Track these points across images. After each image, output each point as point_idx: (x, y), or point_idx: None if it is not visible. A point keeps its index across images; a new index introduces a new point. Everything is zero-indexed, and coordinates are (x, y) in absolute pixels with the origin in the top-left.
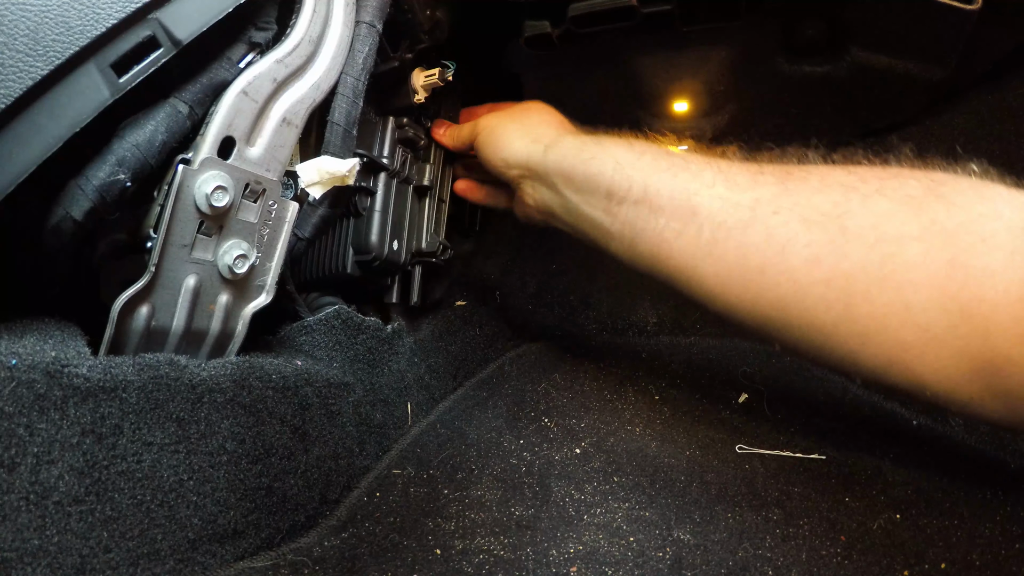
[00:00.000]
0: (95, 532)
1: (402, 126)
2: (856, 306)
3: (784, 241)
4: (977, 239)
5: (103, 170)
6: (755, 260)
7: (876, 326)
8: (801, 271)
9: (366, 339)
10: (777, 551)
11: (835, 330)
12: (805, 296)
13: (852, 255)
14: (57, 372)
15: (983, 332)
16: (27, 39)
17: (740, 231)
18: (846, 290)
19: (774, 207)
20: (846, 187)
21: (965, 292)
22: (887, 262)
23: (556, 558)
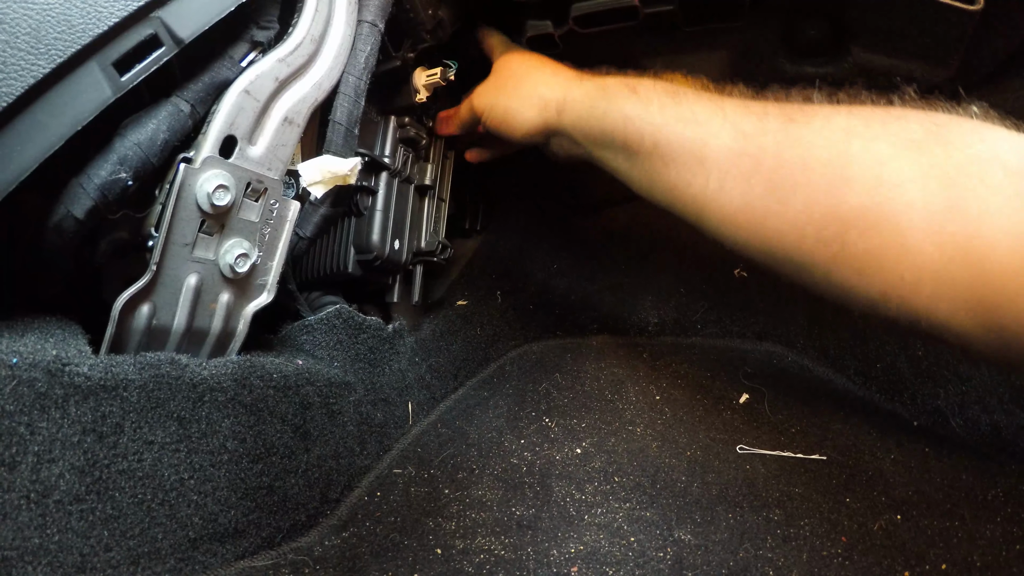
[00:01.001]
0: (96, 531)
1: (404, 125)
2: (852, 244)
3: (786, 188)
4: (976, 181)
5: (105, 168)
6: (759, 205)
7: (873, 263)
8: (802, 215)
9: (367, 338)
10: (778, 551)
11: (833, 265)
12: (803, 236)
13: (850, 199)
14: (58, 371)
15: (979, 269)
16: (29, 37)
17: (744, 179)
18: (843, 231)
19: (777, 155)
20: (848, 132)
21: (962, 232)
22: (885, 204)
23: (557, 558)
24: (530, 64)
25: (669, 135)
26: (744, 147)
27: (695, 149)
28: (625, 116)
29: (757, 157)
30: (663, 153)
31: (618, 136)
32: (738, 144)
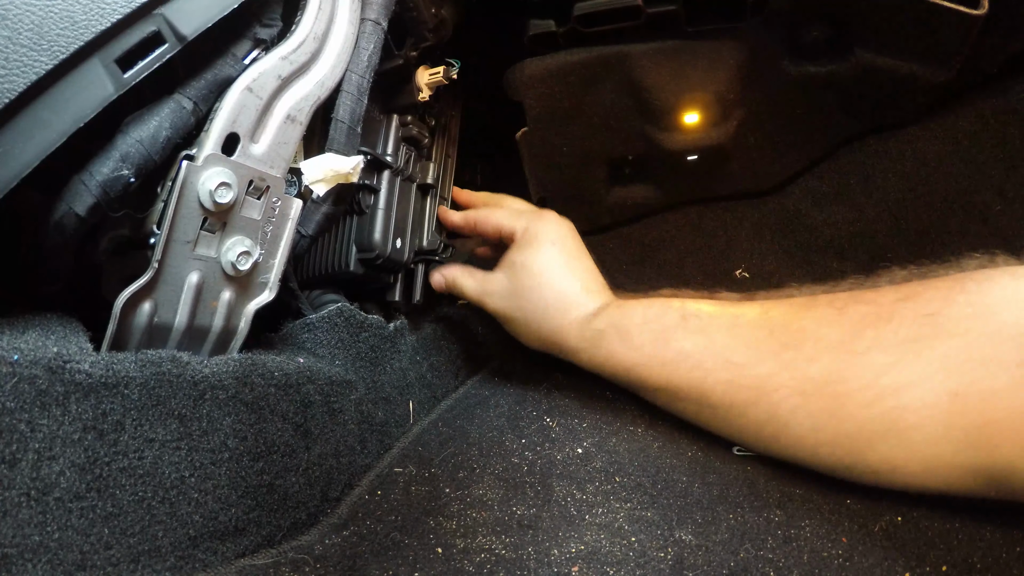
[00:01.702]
0: (96, 528)
1: (406, 124)
2: (866, 456)
3: (787, 416)
4: (978, 364)
5: (107, 165)
6: (766, 431)
7: (888, 466)
8: (808, 438)
9: (368, 337)
10: (779, 552)
11: (851, 472)
12: (816, 454)
13: (852, 417)
14: (59, 368)
15: (988, 448)
16: (32, 33)
17: (745, 411)
18: (852, 447)
19: (773, 385)
20: (839, 347)
21: (968, 419)
22: (887, 416)
23: (558, 557)
24: (547, 293)
25: (668, 377)
26: (741, 382)
27: (694, 388)
28: (625, 368)
29: (755, 388)
30: (668, 391)
31: (622, 380)
32: (735, 379)
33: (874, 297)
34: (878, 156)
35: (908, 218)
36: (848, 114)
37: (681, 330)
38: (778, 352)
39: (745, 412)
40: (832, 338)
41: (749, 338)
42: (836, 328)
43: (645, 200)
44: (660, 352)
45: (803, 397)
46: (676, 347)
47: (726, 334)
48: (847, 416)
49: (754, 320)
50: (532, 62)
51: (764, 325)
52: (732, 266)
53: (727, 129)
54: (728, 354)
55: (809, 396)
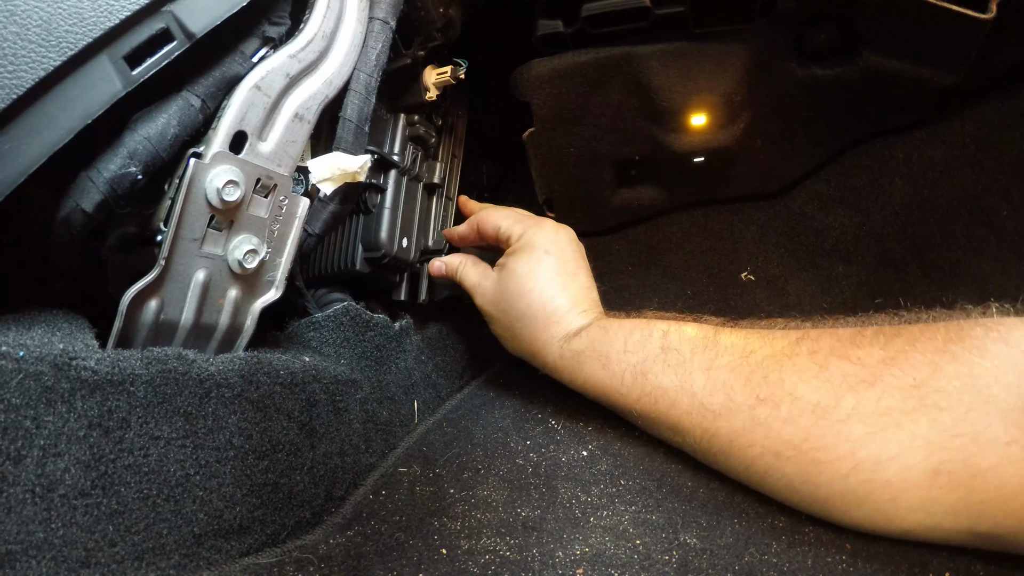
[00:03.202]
0: (100, 526)
1: (413, 123)
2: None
3: (761, 474)
4: (965, 440)
5: (114, 162)
6: (743, 478)
7: (868, 527)
8: (784, 494)
9: (374, 336)
10: (783, 557)
11: (837, 521)
12: (797, 504)
13: (827, 485)
14: (65, 364)
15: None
16: (40, 29)
17: (724, 457)
18: (829, 510)
19: (748, 440)
20: (817, 412)
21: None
22: (864, 487)
23: (562, 560)
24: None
25: (645, 409)
26: (716, 429)
27: (671, 423)
28: (603, 391)
29: (729, 439)
30: (646, 420)
31: (602, 402)
32: (710, 425)
33: (859, 356)
34: (885, 160)
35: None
36: (855, 117)
37: (660, 363)
38: (753, 407)
39: (721, 459)
40: (810, 399)
41: (725, 384)
42: (816, 387)
43: (651, 202)
44: (638, 384)
45: (777, 459)
46: (654, 382)
47: (703, 376)
48: (823, 483)
49: (732, 363)
50: (539, 62)
51: (742, 371)
52: (738, 268)
53: (734, 131)
54: (704, 399)
55: (784, 459)
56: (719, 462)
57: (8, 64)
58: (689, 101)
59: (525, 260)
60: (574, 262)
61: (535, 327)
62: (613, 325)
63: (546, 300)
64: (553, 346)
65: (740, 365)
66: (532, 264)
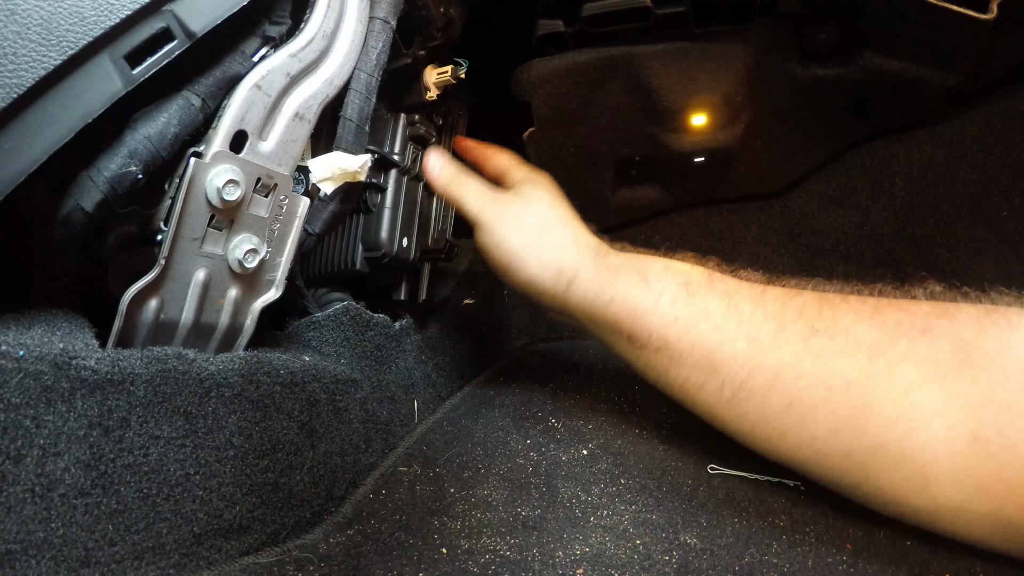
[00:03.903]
0: (100, 525)
1: (413, 123)
2: (875, 478)
3: (806, 409)
4: (1003, 408)
5: (115, 162)
6: (776, 423)
7: (895, 495)
8: (821, 440)
9: (374, 336)
10: (783, 557)
11: (854, 491)
12: (825, 461)
13: (873, 430)
14: (65, 364)
15: (1003, 500)
16: (40, 28)
17: (761, 394)
18: (865, 463)
19: (797, 371)
20: (873, 349)
21: (986, 467)
22: (907, 438)
23: (562, 559)
24: (558, 215)
25: (680, 334)
26: (762, 359)
27: (707, 354)
28: (633, 309)
29: (775, 370)
30: (673, 352)
31: (624, 327)
32: (755, 354)
33: (908, 306)
34: (885, 160)
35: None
36: (856, 117)
37: (706, 288)
38: (807, 337)
39: (759, 395)
40: (866, 338)
41: (777, 314)
42: (871, 328)
43: (651, 202)
44: (678, 303)
45: (829, 393)
46: (698, 303)
47: (753, 304)
48: (868, 428)
49: (783, 297)
50: (540, 62)
51: (794, 304)
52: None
53: (734, 131)
54: (753, 326)
55: (835, 394)
56: (749, 403)
57: (8, 63)
58: (689, 101)
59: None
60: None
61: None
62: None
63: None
64: (587, 260)
65: (791, 299)
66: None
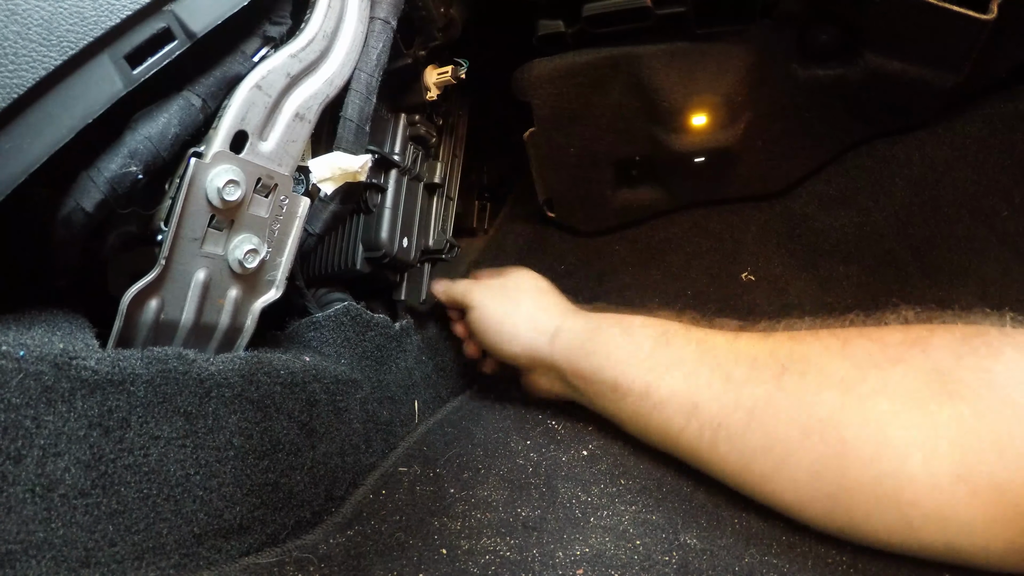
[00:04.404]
0: (100, 525)
1: (414, 123)
2: (860, 522)
3: (785, 452)
4: (986, 444)
5: (115, 162)
6: (757, 466)
7: (881, 538)
8: (803, 484)
9: (374, 336)
10: (783, 557)
11: (843, 534)
12: (808, 505)
13: (852, 471)
14: (65, 364)
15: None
16: (41, 29)
17: (740, 435)
18: (848, 507)
19: (771, 410)
20: (844, 386)
21: (971, 506)
22: (886, 479)
23: (562, 560)
24: (538, 286)
25: (660, 380)
26: (737, 398)
27: (686, 398)
28: (617, 359)
29: (750, 410)
30: (654, 398)
31: (608, 377)
32: (730, 395)
33: (879, 335)
34: (886, 160)
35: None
36: (856, 118)
37: (683, 337)
38: (779, 375)
39: (737, 436)
40: (836, 373)
41: (750, 354)
42: (840, 362)
43: (652, 202)
44: (659, 352)
45: (804, 435)
46: (676, 351)
47: (727, 347)
48: (848, 469)
49: (755, 338)
50: (540, 62)
51: (766, 345)
52: (739, 269)
53: (735, 131)
54: (727, 367)
55: (811, 435)
56: (729, 444)
57: (9, 63)
58: (690, 101)
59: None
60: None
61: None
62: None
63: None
64: (568, 317)
65: (764, 339)
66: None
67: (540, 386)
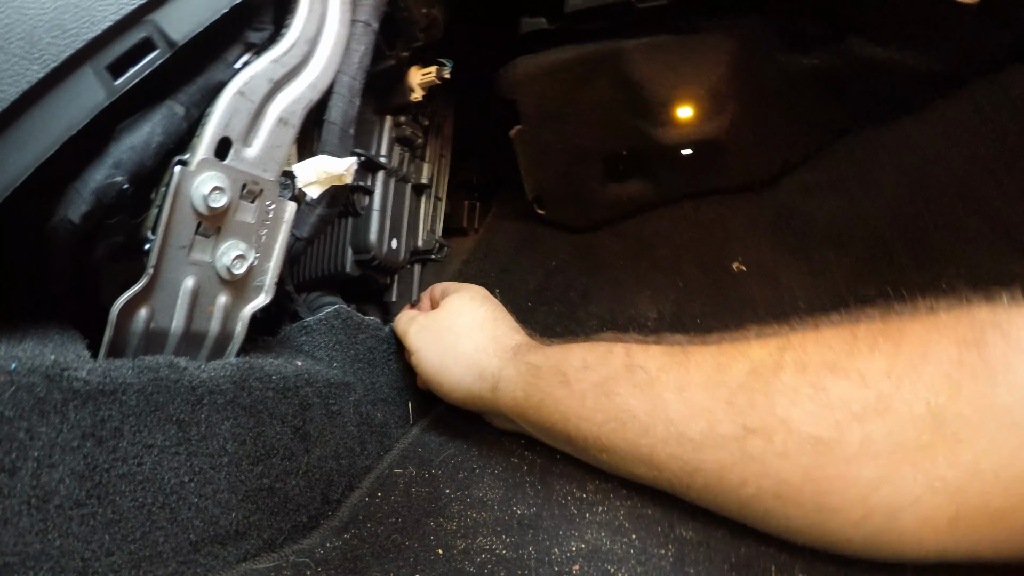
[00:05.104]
0: (97, 535)
1: (399, 124)
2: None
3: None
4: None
5: (100, 172)
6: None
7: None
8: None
9: (366, 338)
10: (780, 548)
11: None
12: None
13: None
14: (57, 376)
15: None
16: (23, 42)
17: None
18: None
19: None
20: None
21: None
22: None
23: (558, 556)
24: (474, 320)
25: (613, 436)
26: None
27: (645, 461)
28: (563, 414)
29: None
30: (614, 454)
31: (559, 433)
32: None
33: (859, 370)
34: (873, 148)
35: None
36: (843, 105)
37: (625, 382)
38: (742, 439)
39: (708, 497)
40: (808, 430)
41: (704, 408)
42: (813, 415)
43: (640, 195)
44: (603, 406)
45: (777, 501)
46: (620, 403)
47: (676, 398)
48: (833, 529)
49: (707, 382)
50: (524, 60)
51: (721, 393)
52: (729, 260)
53: (721, 123)
54: (681, 426)
55: (785, 501)
56: (707, 500)
57: None
58: (675, 94)
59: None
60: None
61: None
62: (570, 343)
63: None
64: (507, 361)
65: (718, 385)
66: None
67: (498, 425)
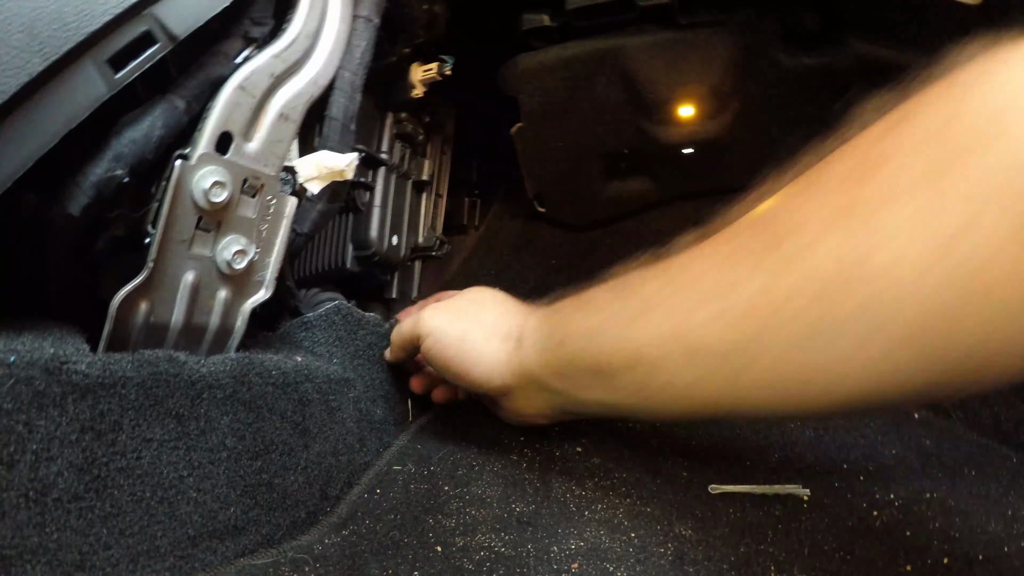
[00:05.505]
0: (95, 529)
1: (400, 121)
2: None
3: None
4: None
5: (100, 166)
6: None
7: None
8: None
9: (366, 335)
10: (779, 546)
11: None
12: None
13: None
14: (56, 369)
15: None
16: (23, 35)
17: (756, 341)
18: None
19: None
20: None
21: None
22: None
23: (557, 554)
24: (496, 296)
25: (641, 341)
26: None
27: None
28: (587, 335)
29: (755, 313)
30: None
31: (586, 360)
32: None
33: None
34: None
35: None
36: (844, 105)
37: (641, 277)
38: (761, 257)
39: (753, 345)
40: (824, 212)
41: (722, 254)
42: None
43: (641, 194)
44: (626, 305)
45: (822, 302)
46: (643, 293)
47: (695, 258)
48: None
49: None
50: (526, 57)
51: (731, 233)
52: None
53: (722, 122)
54: (706, 281)
55: (831, 297)
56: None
57: None
58: (676, 92)
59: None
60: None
61: (502, 309)
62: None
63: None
64: (528, 316)
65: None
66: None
67: (520, 409)
